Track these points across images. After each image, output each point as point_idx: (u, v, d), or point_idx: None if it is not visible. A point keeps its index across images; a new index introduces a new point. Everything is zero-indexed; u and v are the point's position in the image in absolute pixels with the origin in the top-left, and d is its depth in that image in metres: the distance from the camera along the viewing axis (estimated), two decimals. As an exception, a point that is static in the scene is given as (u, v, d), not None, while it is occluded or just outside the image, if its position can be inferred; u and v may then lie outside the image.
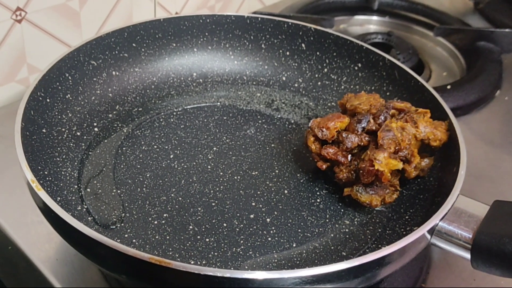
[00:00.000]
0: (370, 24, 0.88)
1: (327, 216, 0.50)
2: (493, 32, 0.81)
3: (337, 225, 0.49)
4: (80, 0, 0.66)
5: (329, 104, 0.63)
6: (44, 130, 0.51)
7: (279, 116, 0.61)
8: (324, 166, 0.51)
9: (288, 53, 0.66)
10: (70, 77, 0.55)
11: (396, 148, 0.48)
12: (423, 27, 0.86)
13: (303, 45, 0.65)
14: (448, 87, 0.69)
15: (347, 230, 0.49)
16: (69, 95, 0.55)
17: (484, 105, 0.72)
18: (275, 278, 0.36)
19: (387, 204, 0.50)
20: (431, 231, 0.42)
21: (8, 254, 0.49)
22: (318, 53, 0.64)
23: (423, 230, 0.41)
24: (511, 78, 0.77)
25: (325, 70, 0.64)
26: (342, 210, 0.51)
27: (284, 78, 0.65)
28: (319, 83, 0.64)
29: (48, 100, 0.52)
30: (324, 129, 0.50)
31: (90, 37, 0.58)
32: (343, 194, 0.51)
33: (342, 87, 0.63)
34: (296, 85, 0.65)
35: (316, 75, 0.65)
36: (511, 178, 0.61)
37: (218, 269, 0.36)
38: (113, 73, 0.60)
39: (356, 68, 0.63)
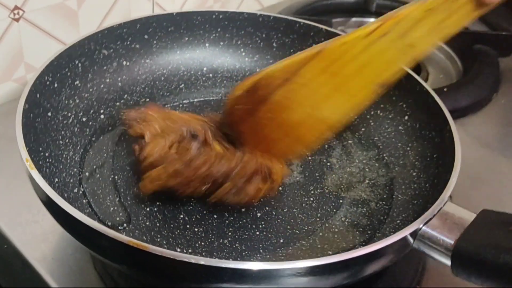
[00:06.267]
0: (368, 26, 0.87)
1: (318, 215, 0.50)
2: (490, 35, 0.80)
3: (327, 225, 0.49)
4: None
5: (335, 106, 0.63)
6: (49, 114, 0.52)
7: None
8: None
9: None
10: (80, 64, 0.57)
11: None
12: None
13: (314, 45, 0.65)
14: (445, 89, 0.68)
15: (336, 230, 0.49)
16: (77, 82, 0.57)
17: (480, 108, 0.71)
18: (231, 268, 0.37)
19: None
20: (414, 235, 0.41)
21: (4, 253, 0.49)
22: (328, 54, 0.64)
23: (404, 233, 0.40)
24: (508, 81, 0.76)
25: (334, 71, 0.64)
26: (334, 211, 0.51)
27: (293, 78, 0.65)
28: (327, 84, 0.64)
29: (56, 85, 0.54)
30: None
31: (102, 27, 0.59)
32: None
33: (350, 89, 0.63)
34: (304, 84, 0.65)
35: (325, 76, 0.65)
36: (507, 181, 0.61)
37: (193, 256, 0.36)
38: (124, 63, 0.61)
39: (364, 71, 0.63)
